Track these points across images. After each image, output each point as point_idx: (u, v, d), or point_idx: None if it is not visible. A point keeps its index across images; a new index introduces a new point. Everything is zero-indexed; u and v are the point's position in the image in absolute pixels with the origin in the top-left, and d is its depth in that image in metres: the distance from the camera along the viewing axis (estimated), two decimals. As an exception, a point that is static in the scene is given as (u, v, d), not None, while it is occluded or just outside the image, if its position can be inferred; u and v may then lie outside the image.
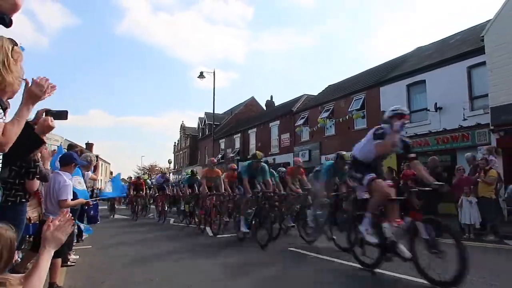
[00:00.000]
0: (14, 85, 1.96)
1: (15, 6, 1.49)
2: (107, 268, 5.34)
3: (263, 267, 5.41)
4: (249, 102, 42.14)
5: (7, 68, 1.90)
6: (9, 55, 1.93)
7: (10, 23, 1.51)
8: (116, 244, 7.93)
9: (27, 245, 4.56)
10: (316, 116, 21.93)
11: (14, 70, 1.95)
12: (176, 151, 55.30)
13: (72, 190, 4.28)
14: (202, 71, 26.20)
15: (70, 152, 4.82)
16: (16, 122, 1.79)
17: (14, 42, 2.03)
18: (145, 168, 66.58)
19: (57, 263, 3.99)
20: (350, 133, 19.06)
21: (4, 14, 1.47)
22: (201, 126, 44.55)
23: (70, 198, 4.20)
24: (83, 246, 7.24)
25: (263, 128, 29.02)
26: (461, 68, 14.13)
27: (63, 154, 4.54)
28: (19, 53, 2.06)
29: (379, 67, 21.62)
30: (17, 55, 2.03)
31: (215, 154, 32.69)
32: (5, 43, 1.92)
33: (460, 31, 17.84)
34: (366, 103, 18.75)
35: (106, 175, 68.92)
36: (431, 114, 15.04)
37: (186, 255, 6.51)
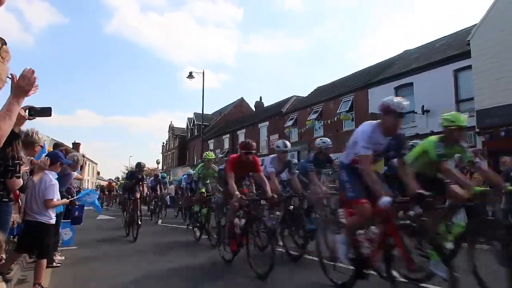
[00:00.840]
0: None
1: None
2: (93, 268, 5.28)
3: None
4: (238, 103, 42.12)
5: None
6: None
7: None
8: (102, 244, 7.84)
9: (12, 246, 4.48)
10: (305, 118, 22.04)
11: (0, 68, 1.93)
12: (165, 152, 54.96)
13: (58, 189, 4.22)
14: (191, 72, 26.11)
15: (55, 151, 4.75)
16: (7, 116, 1.77)
17: (3, 41, 2.01)
18: (133, 169, 66.09)
19: (43, 264, 3.93)
20: (338, 134, 19.19)
21: None
22: (190, 127, 44.36)
23: (57, 198, 4.14)
24: (68, 247, 7.13)
25: (252, 129, 29.04)
26: (448, 71, 14.37)
27: (49, 153, 4.47)
28: (7, 52, 2.04)
29: (368, 69, 21.84)
30: (5, 54, 2.01)
31: (204, 154, 32.62)
32: None
33: (446, 35, 18.12)
34: (355, 105, 18.91)
35: (93, 175, 68.23)
36: (418, 116, 15.23)
37: (172, 254, 6.47)
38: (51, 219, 3.98)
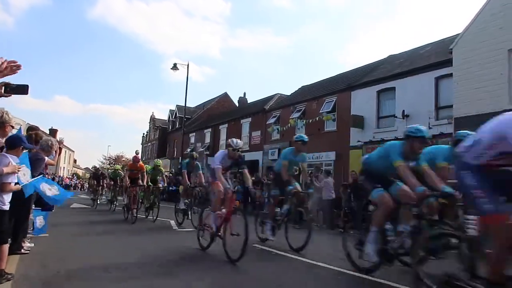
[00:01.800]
0: None
1: None
2: (63, 257, 5.15)
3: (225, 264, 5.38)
4: (221, 98, 41.91)
5: None
6: None
7: None
8: (74, 233, 7.66)
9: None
10: (287, 116, 22.10)
11: None
12: (145, 143, 54.25)
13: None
14: (175, 63, 25.85)
15: (17, 134, 4.53)
16: None
17: None
18: (111, 158, 65.02)
19: (4, 249, 3.77)
20: (320, 134, 19.32)
21: None
22: (172, 119, 43.89)
23: (14, 182, 3.95)
24: (39, 235, 6.95)
25: (234, 124, 28.94)
26: (430, 78, 14.62)
27: (10, 136, 4.24)
28: None
29: (352, 71, 22.04)
30: None
31: (185, 147, 32.30)
32: None
33: (431, 42, 18.44)
34: (337, 106, 19.07)
35: (70, 163, 66.93)
36: (398, 121, 15.46)
37: (144, 244, 6.39)
38: (4, 205, 3.79)
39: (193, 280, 4.21)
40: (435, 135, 13.94)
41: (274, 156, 22.80)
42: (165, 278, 4.31)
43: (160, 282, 4.12)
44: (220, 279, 4.49)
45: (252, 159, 24.60)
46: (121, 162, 62.82)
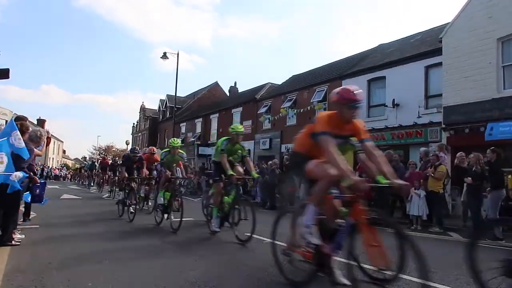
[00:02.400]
0: None
1: None
2: (55, 248, 5.13)
3: (218, 252, 5.41)
4: (212, 87, 41.67)
5: None
6: None
7: None
8: (65, 224, 7.63)
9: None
10: (278, 105, 22.10)
11: None
12: (135, 133, 53.86)
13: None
14: (165, 52, 25.56)
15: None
16: None
17: None
18: (101, 149, 64.56)
19: None
20: (311, 123, 19.35)
21: None
22: (162, 109, 43.60)
23: None
24: (30, 225, 6.91)
25: (225, 114, 28.86)
26: (419, 67, 14.70)
27: None
28: None
29: (342, 61, 22.05)
30: None
31: (176, 137, 32.16)
32: None
33: (420, 31, 18.48)
34: (328, 95, 19.08)
35: (59, 154, 66.25)
36: (388, 110, 15.57)
37: (137, 236, 6.40)
38: None
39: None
40: (424, 124, 14.10)
41: (266, 145, 22.87)
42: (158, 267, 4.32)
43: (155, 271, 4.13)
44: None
45: (243, 149, 24.64)
46: (111, 153, 62.47)
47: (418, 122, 14.37)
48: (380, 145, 15.42)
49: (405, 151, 14.83)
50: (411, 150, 14.36)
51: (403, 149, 14.93)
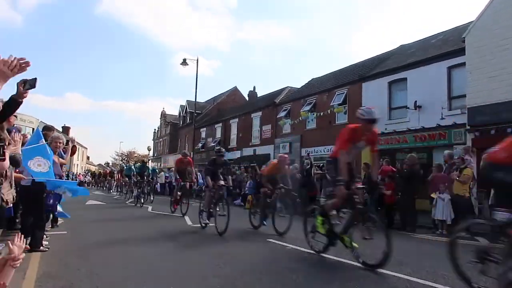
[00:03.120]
0: None
1: None
2: (83, 254, 5.26)
3: (240, 258, 5.44)
4: (231, 92, 41.92)
5: None
6: None
7: None
8: (92, 230, 7.81)
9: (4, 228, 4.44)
10: (298, 109, 22.03)
11: None
12: (156, 138, 54.66)
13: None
14: (185, 58, 25.92)
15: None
16: None
17: None
18: (124, 154, 65.75)
19: None
20: (331, 127, 19.24)
21: None
22: (182, 114, 44.10)
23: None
24: (58, 232, 7.11)
25: (245, 118, 28.96)
26: (442, 68, 14.42)
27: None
28: None
29: (362, 63, 21.83)
30: None
31: (196, 142, 32.49)
32: None
33: (442, 31, 18.14)
34: (348, 98, 18.94)
35: (83, 160, 67.80)
36: (410, 112, 15.31)
37: (163, 241, 6.48)
38: None
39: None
40: (448, 126, 13.80)
41: (286, 149, 22.78)
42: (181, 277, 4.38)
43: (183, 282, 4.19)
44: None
45: (264, 153, 24.65)
46: (133, 158, 63.53)
47: (441, 124, 14.08)
48: (403, 148, 15.22)
49: (428, 154, 14.55)
50: (435, 153, 14.07)
51: (426, 151, 14.66)
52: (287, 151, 22.63)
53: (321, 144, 19.80)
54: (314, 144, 20.39)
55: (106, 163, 76.81)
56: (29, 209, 5.06)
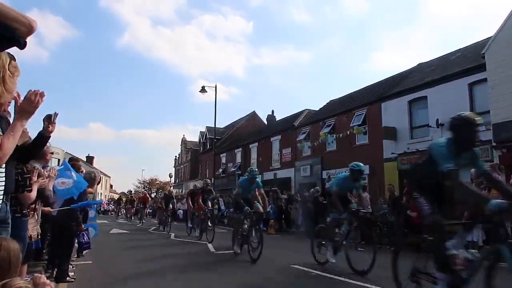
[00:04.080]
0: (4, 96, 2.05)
1: (31, 29, 1.58)
2: (108, 284, 5.27)
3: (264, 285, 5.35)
4: (250, 117, 42.28)
5: (1, 80, 2.01)
6: (6, 67, 2.02)
7: (25, 45, 1.59)
8: (118, 259, 7.84)
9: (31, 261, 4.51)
10: (317, 131, 21.96)
11: (9, 82, 2.04)
12: (177, 165, 55.23)
13: None
14: (203, 86, 26.45)
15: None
16: (11, 137, 1.92)
17: (12, 56, 2.11)
18: (145, 182, 66.49)
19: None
20: (351, 148, 19.06)
21: (21, 37, 1.55)
22: (202, 140, 44.60)
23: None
24: (83, 262, 7.17)
25: (264, 142, 29.04)
26: (463, 84, 14.22)
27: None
28: (16, 67, 2.15)
29: (381, 82, 21.75)
30: (14, 69, 2.12)
31: (216, 168, 32.64)
32: (3, 56, 2.04)
33: (461, 48, 17.99)
34: (368, 119, 18.80)
35: (106, 189, 68.90)
36: (432, 130, 15.05)
37: (189, 271, 6.44)
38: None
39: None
40: (473, 143, 13.46)
41: (306, 172, 22.64)
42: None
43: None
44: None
45: (284, 177, 24.54)
46: (155, 186, 64.18)
47: (466, 142, 13.73)
48: (427, 167, 14.88)
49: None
50: (461, 172, 13.68)
51: (451, 170, 14.27)
52: (308, 174, 22.49)
53: (342, 165, 19.53)
54: (335, 166, 20.18)
55: (128, 191, 77.72)
56: (56, 241, 5.14)
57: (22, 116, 1.98)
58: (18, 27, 1.54)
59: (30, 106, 1.98)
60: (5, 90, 2.05)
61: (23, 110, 1.99)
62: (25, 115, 1.99)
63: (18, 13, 1.57)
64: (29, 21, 1.60)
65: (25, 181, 3.32)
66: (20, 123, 1.97)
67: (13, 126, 1.98)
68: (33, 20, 1.62)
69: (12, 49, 1.84)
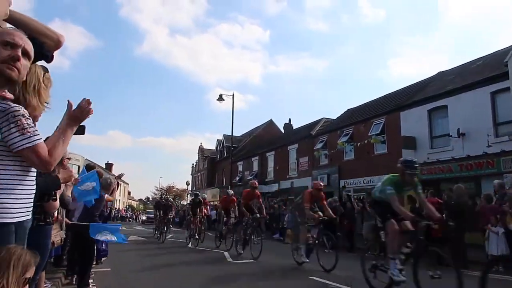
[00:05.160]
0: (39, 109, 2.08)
1: (58, 44, 1.61)
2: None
3: None
4: (267, 125, 42.28)
5: (35, 92, 2.03)
6: (41, 80, 2.07)
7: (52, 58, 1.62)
8: (136, 267, 7.88)
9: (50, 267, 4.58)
10: (335, 140, 21.78)
11: (43, 94, 2.08)
12: (194, 173, 55.54)
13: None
14: (221, 94, 26.63)
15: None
16: (62, 142, 1.85)
17: (46, 69, 2.16)
18: (163, 189, 67.04)
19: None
20: (370, 157, 18.83)
21: (48, 51, 1.57)
22: (219, 148, 44.79)
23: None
24: (102, 269, 7.24)
25: (281, 151, 28.96)
26: (485, 93, 13.92)
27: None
28: (49, 79, 2.19)
29: (399, 91, 21.49)
30: (48, 81, 2.16)
31: (233, 176, 32.68)
32: (38, 69, 2.07)
33: (482, 56, 17.65)
34: (386, 128, 18.57)
35: (125, 195, 69.78)
36: (453, 140, 14.75)
37: (209, 282, 6.42)
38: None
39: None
40: (496, 153, 13.13)
41: (324, 181, 22.38)
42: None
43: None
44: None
45: (301, 186, 24.36)
46: (172, 193, 64.63)
47: (488, 152, 13.42)
48: (448, 178, 14.56)
49: (476, 184, 13.81)
50: (483, 182, 13.36)
51: (473, 181, 13.93)
52: (325, 183, 22.24)
53: (360, 175, 19.36)
54: (353, 176, 19.96)
55: (146, 198, 78.53)
56: (76, 248, 5.21)
57: (72, 123, 1.99)
58: (46, 41, 1.57)
59: (81, 113, 2.00)
60: (40, 103, 2.09)
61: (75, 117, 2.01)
62: (75, 121, 2.01)
63: (47, 28, 1.60)
64: (57, 36, 1.63)
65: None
66: (71, 129, 1.92)
67: (63, 131, 1.88)
68: (61, 35, 1.65)
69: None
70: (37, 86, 2.06)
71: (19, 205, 1.77)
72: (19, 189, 1.77)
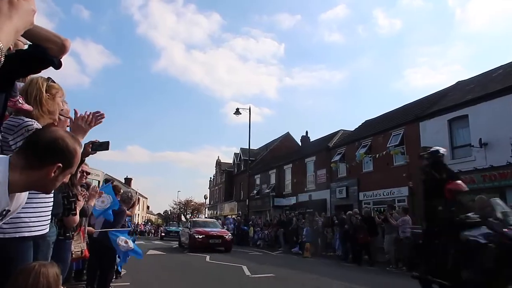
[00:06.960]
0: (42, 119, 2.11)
1: (63, 48, 1.57)
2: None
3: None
4: (284, 138, 42.21)
5: (37, 102, 2.07)
6: (43, 90, 2.10)
7: (60, 65, 1.60)
8: (155, 281, 7.88)
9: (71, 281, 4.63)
10: (353, 152, 21.56)
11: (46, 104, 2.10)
12: (212, 187, 55.67)
13: None
14: (238, 108, 26.82)
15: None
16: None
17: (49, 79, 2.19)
18: (181, 203, 67.33)
19: None
20: (389, 169, 18.53)
21: (54, 57, 1.55)
22: (237, 162, 44.86)
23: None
24: (121, 283, 7.27)
25: (298, 163, 28.80)
26: (507, 102, 13.59)
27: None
28: (57, 89, 2.21)
29: (418, 102, 21.21)
30: (55, 91, 2.18)
31: (251, 189, 32.61)
32: (39, 80, 2.12)
33: (502, 65, 17.31)
34: (405, 139, 18.29)
35: (143, 210, 70.33)
36: (475, 150, 14.41)
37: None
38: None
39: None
40: (520, 163, 12.75)
41: (342, 194, 22.15)
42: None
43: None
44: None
45: (319, 198, 24.12)
46: (190, 207, 64.84)
47: (512, 162, 13.04)
48: (470, 189, 14.15)
49: (500, 195, 13.38)
50: (508, 193, 12.95)
51: (497, 192, 13.51)
52: (344, 195, 22.00)
53: (379, 187, 19.05)
54: (372, 188, 19.66)
55: (165, 211, 78.97)
56: (97, 262, 5.25)
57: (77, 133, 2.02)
58: (50, 47, 1.54)
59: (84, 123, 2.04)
60: (43, 112, 2.11)
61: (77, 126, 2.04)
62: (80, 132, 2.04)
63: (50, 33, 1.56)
64: (62, 40, 1.58)
65: (70, 204, 3.41)
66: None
67: None
68: (66, 39, 1.59)
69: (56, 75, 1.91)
70: (39, 96, 2.10)
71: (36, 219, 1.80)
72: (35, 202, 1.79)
